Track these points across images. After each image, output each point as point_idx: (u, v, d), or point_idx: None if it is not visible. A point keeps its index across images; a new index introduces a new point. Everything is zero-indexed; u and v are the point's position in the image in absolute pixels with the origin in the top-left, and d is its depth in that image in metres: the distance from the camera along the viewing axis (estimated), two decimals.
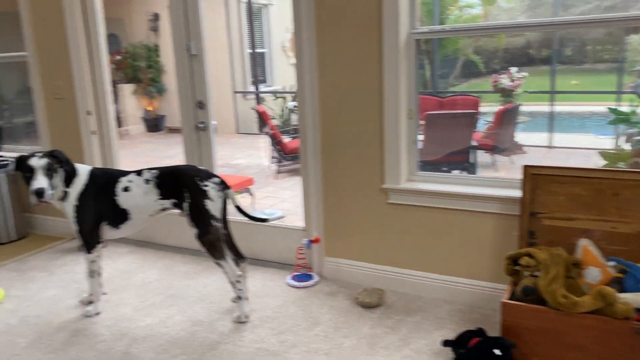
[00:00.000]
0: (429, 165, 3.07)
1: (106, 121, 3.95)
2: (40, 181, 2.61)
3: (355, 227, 3.10)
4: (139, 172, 2.80)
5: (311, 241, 3.20)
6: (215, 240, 2.69)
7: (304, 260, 3.26)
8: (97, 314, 2.91)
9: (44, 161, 2.64)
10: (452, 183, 2.90)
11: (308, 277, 3.19)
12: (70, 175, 2.76)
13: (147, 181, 2.76)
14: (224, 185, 2.72)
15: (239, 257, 2.90)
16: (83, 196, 2.76)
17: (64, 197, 2.77)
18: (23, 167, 2.65)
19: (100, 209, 2.78)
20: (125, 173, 2.83)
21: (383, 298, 2.89)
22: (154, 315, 2.89)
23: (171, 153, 8.76)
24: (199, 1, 3.35)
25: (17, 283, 3.37)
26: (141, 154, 8.60)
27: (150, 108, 10.74)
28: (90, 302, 2.96)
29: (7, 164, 4.06)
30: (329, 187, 3.12)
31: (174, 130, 10.40)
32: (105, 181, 2.79)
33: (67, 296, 3.15)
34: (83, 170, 2.81)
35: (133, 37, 10.66)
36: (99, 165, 3.97)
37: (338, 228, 3.15)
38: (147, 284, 3.28)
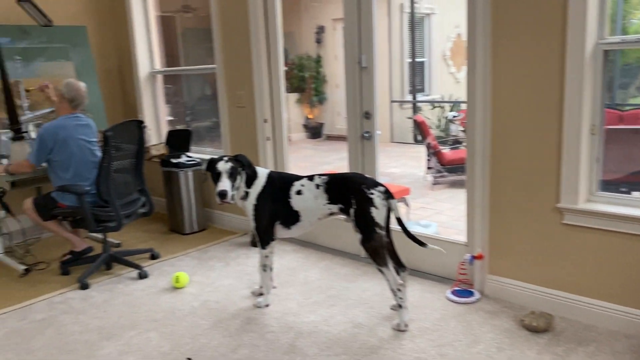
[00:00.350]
0: (605, 184, 2.83)
1: (279, 128, 4.26)
2: (224, 183, 2.88)
3: (523, 245, 2.96)
4: (310, 177, 2.98)
5: (474, 257, 3.13)
6: (378, 247, 2.74)
7: (466, 275, 3.20)
8: (267, 305, 3.15)
9: (229, 165, 2.91)
10: (637, 206, 2.64)
11: (469, 293, 3.12)
12: (251, 178, 3.04)
13: (317, 186, 2.92)
14: (388, 194, 2.77)
15: (399, 266, 2.93)
16: (261, 197, 3.02)
17: (245, 196, 3.05)
18: (212, 169, 2.96)
19: (275, 209, 3.01)
20: (298, 177, 3.03)
21: (552, 323, 2.73)
22: (316, 312, 3.05)
23: (329, 159, 9.14)
24: (373, 15, 3.48)
25: (199, 270, 3.78)
26: (302, 159, 9.09)
27: (311, 116, 11.30)
28: (260, 294, 3.22)
29: (195, 164, 4.57)
30: (496, 201, 3.03)
31: (332, 138, 10.83)
32: (281, 184, 3.02)
33: (240, 286, 3.46)
34: (262, 173, 3.07)
35: (300, 49, 11.32)
36: (272, 168, 4.29)
37: (504, 245, 3.04)
38: (310, 282, 3.47)
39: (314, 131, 11.30)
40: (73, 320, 3.08)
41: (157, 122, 5.50)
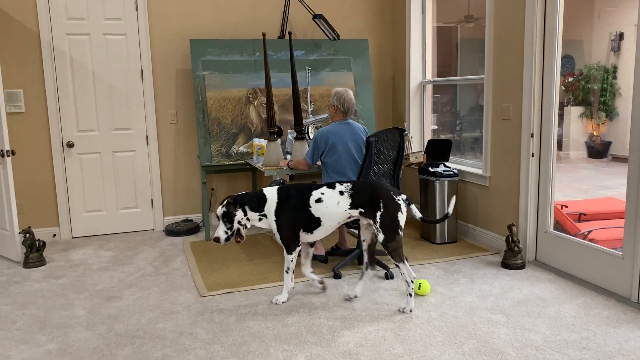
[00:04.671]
0: None
1: (547, 144, 3.93)
2: (219, 229, 3.24)
3: None
4: (330, 185, 3.31)
5: None
6: (398, 247, 3.19)
7: None
8: (284, 302, 3.43)
9: (222, 211, 3.24)
10: None
11: None
12: (260, 202, 3.31)
13: (341, 193, 3.26)
14: (409, 201, 3.27)
15: (371, 264, 3.43)
16: (279, 211, 3.30)
17: (261, 218, 3.35)
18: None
19: (296, 218, 3.30)
20: (316, 187, 3.32)
21: None
22: (563, 352, 2.72)
23: (611, 183, 8.00)
24: None
25: (443, 281, 3.75)
26: (578, 180, 8.18)
27: (596, 133, 10.08)
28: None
29: (452, 174, 4.54)
30: None
31: (619, 159, 9.47)
32: (298, 195, 3.32)
33: (482, 306, 3.32)
34: (270, 192, 3.35)
35: (590, 58, 10.19)
36: (534, 186, 4.00)
37: None
38: (562, 318, 3.11)
39: (597, 150, 10.04)
40: (323, 305, 3.40)
41: (421, 131, 5.64)
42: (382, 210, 3.17)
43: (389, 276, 3.82)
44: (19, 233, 4.41)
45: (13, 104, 4.84)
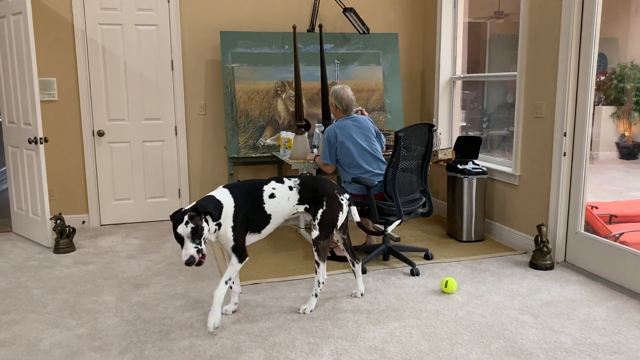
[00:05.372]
0: None
1: (580, 144, 3.85)
2: (189, 250, 2.70)
3: None
4: (279, 180, 3.12)
5: None
6: (327, 246, 3.16)
7: None
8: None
9: (189, 228, 2.69)
10: None
11: None
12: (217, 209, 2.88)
13: (290, 188, 3.10)
14: (351, 202, 3.25)
15: (355, 258, 3.40)
16: (236, 215, 2.96)
17: (219, 227, 2.91)
18: (174, 232, 2.74)
19: (249, 219, 3.04)
20: (266, 181, 3.11)
21: None
22: (594, 356, 2.67)
23: None
24: None
25: (470, 280, 3.72)
26: (608, 182, 8.01)
27: (628, 134, 9.86)
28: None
29: (481, 172, 4.49)
30: None
31: None
32: (251, 192, 3.05)
33: (510, 306, 3.28)
34: (223, 195, 2.95)
35: (625, 57, 9.95)
36: (565, 186, 3.93)
37: None
38: (592, 321, 3.06)
39: (629, 151, 9.82)
40: (348, 299, 3.40)
41: (449, 127, 5.58)
42: (324, 207, 3.12)
43: (414, 273, 3.79)
44: (50, 219, 4.50)
45: (47, 92, 4.92)
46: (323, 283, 3.23)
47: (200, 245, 2.73)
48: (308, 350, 2.76)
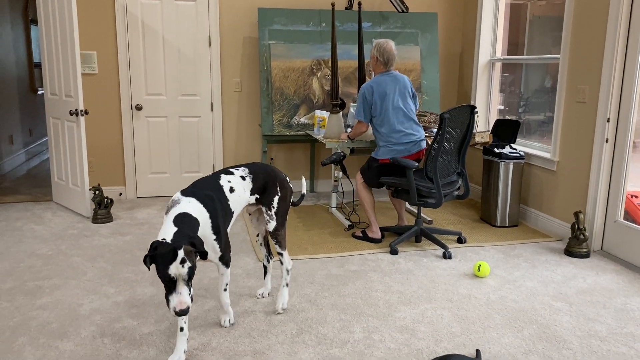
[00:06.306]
0: None
1: (624, 130, 3.74)
2: (184, 296, 2.16)
3: None
4: (227, 172, 2.75)
5: None
6: (285, 235, 2.90)
7: None
8: (232, 324, 2.80)
9: (186, 268, 2.15)
10: None
11: None
12: (195, 227, 2.39)
13: (243, 178, 2.75)
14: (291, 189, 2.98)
15: (269, 254, 3.14)
16: (214, 224, 2.51)
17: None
18: (162, 273, 2.15)
19: (223, 222, 2.61)
20: (218, 176, 2.71)
21: None
22: (629, 346, 2.63)
23: None
24: None
25: (503, 265, 3.68)
26: None
27: None
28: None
29: (519, 157, 4.41)
30: None
31: None
32: (214, 193, 2.60)
33: (544, 292, 3.24)
34: (195, 208, 2.43)
35: None
36: (606, 174, 3.83)
37: None
38: (629, 311, 3.00)
39: None
40: (379, 279, 3.41)
41: (487, 110, 5.49)
42: (279, 194, 2.84)
43: (447, 256, 3.78)
44: (89, 190, 4.62)
45: (87, 65, 5.02)
46: (289, 271, 2.97)
47: (191, 288, 2.21)
48: (339, 327, 2.79)
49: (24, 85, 7.27)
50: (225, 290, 2.72)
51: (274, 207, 2.83)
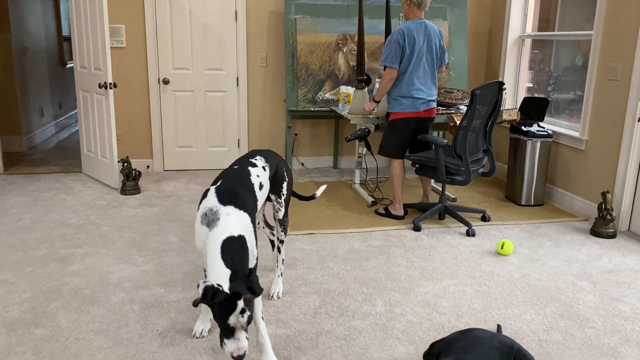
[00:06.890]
0: None
1: None
2: (242, 342, 1.91)
3: None
4: (251, 163, 2.52)
5: None
6: (288, 220, 2.86)
7: None
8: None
9: (246, 317, 1.91)
10: None
11: None
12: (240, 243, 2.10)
13: (264, 169, 2.57)
14: None
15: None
16: (248, 231, 2.18)
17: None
18: (222, 321, 1.91)
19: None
20: (247, 171, 2.47)
21: None
22: None
23: None
24: None
25: (527, 243, 3.67)
26: None
27: None
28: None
29: (546, 135, 4.34)
30: None
31: None
32: (243, 192, 2.33)
33: (568, 271, 3.23)
34: (234, 221, 2.13)
35: None
36: (636, 155, 3.76)
37: None
38: None
39: None
40: (402, 255, 3.43)
41: (515, 88, 5.40)
42: (287, 179, 2.75)
43: (470, 233, 3.77)
44: (118, 162, 4.72)
45: (116, 38, 5.07)
46: (284, 260, 2.91)
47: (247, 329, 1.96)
48: (361, 299, 2.83)
49: (53, 59, 7.38)
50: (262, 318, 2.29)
51: (283, 194, 2.74)
